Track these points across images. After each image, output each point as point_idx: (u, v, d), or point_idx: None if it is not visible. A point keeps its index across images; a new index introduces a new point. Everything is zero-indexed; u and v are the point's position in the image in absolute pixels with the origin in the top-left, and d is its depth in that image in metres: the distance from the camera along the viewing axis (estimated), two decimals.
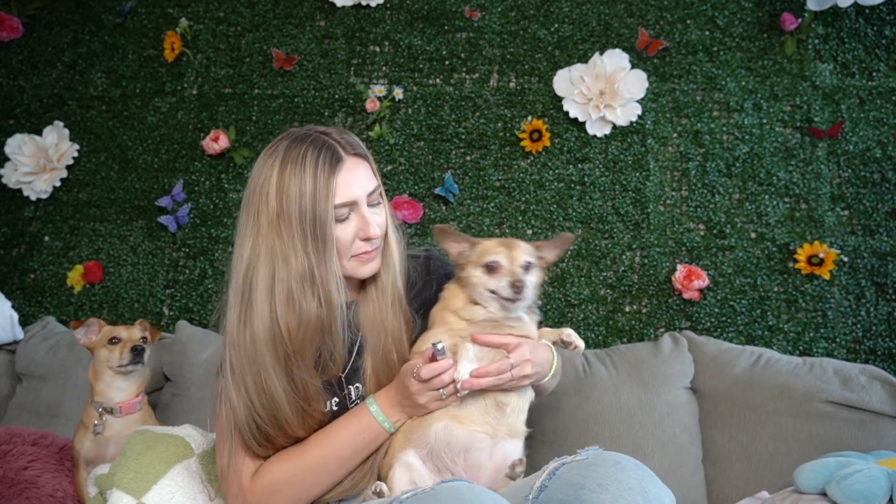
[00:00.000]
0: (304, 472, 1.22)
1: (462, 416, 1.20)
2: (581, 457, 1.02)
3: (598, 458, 1.00)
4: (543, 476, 1.02)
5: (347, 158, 1.22)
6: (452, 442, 1.18)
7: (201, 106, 2.42)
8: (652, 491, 0.95)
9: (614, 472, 0.96)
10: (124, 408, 1.62)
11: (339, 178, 1.18)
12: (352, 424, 1.23)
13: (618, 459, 0.99)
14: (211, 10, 2.47)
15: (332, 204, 1.17)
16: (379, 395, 1.25)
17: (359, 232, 1.22)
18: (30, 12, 2.55)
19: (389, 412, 1.22)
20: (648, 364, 1.83)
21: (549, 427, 1.81)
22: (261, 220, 1.18)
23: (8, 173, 2.46)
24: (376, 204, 1.27)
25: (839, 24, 2.14)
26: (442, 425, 1.19)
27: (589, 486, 0.94)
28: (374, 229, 1.22)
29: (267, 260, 1.17)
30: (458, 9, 2.33)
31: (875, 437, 1.61)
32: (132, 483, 1.23)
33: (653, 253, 2.11)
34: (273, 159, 1.21)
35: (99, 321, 1.68)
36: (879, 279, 1.99)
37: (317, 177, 1.17)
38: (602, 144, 2.20)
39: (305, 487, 1.22)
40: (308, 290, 1.17)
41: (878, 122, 2.08)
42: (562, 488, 0.97)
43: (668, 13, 2.22)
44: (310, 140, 1.22)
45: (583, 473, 0.97)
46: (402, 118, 2.30)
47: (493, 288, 1.21)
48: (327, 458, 1.22)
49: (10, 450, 1.64)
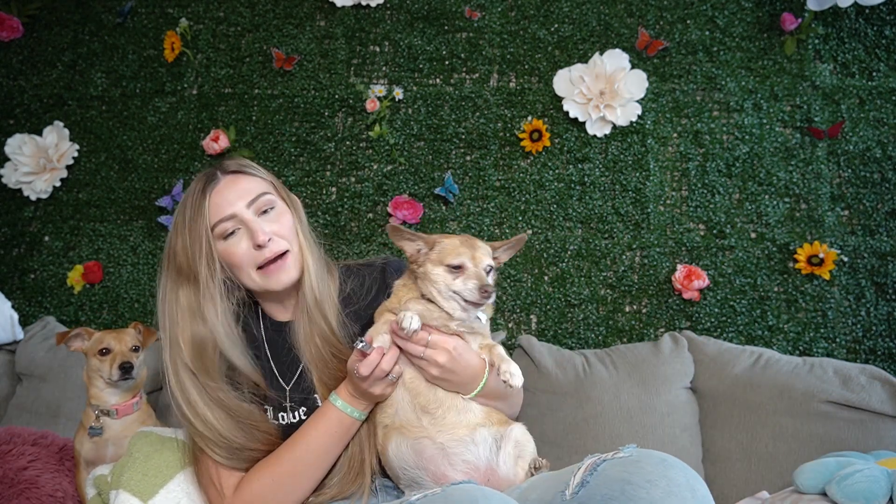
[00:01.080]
0: (282, 477, 1.22)
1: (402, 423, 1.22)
2: (623, 454, 1.02)
3: (642, 455, 1.00)
4: (582, 472, 1.01)
5: (223, 177, 1.27)
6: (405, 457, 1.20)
7: (201, 106, 2.42)
8: (699, 489, 0.95)
9: (662, 469, 0.95)
10: (121, 410, 1.61)
11: (212, 197, 1.24)
12: (321, 423, 1.24)
13: (664, 457, 0.98)
14: (211, 10, 2.47)
15: (206, 225, 1.22)
16: (339, 390, 1.26)
17: (252, 242, 1.24)
18: (30, 12, 2.55)
19: (354, 403, 1.24)
20: (648, 364, 1.83)
21: (549, 427, 1.81)
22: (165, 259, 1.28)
23: (8, 173, 2.46)
24: (267, 210, 1.28)
25: (839, 24, 2.14)
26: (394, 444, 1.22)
27: (636, 482, 0.93)
28: (260, 236, 1.23)
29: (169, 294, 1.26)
30: (458, 9, 2.33)
31: (875, 437, 1.61)
32: (140, 485, 1.23)
33: (653, 253, 2.11)
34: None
35: (86, 329, 1.65)
36: (879, 279, 1.99)
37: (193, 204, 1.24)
38: (602, 144, 2.20)
39: (287, 492, 1.23)
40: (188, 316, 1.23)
41: (878, 122, 2.08)
42: (606, 483, 0.96)
43: (668, 13, 2.22)
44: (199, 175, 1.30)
45: (628, 470, 0.96)
46: (402, 118, 2.30)
47: (458, 290, 1.19)
48: (302, 459, 1.22)
49: (10, 450, 1.64)
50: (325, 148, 2.32)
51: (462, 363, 1.20)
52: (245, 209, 1.25)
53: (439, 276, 1.20)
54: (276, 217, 1.28)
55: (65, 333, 1.63)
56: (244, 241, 1.24)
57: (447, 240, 1.24)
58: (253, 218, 1.25)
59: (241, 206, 1.24)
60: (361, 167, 2.30)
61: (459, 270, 1.19)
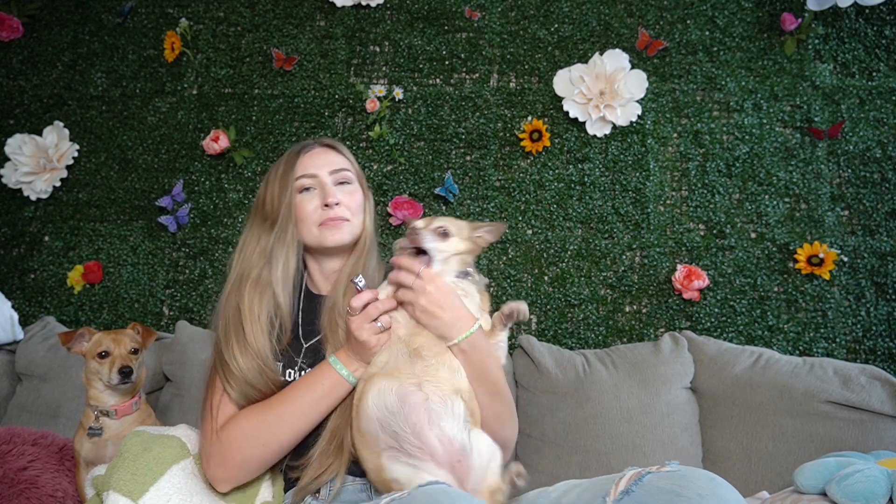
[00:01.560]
0: (268, 420, 1.27)
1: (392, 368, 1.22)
2: (670, 468, 1.03)
3: (690, 471, 1.01)
4: (626, 480, 1.02)
5: (318, 146, 1.44)
6: (388, 403, 1.17)
7: (201, 106, 2.42)
8: None
9: (712, 486, 0.97)
10: (120, 410, 1.60)
11: (303, 158, 1.41)
12: (313, 378, 1.29)
13: (712, 476, 1.00)
14: (211, 10, 2.47)
15: (292, 178, 1.38)
16: (338, 351, 1.31)
17: (322, 200, 1.38)
18: (30, 12, 2.55)
19: (347, 362, 1.27)
20: (648, 364, 1.83)
21: (549, 427, 1.81)
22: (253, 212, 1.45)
23: (8, 173, 2.46)
24: (344, 183, 1.42)
25: (839, 24, 2.14)
26: (376, 390, 1.20)
27: (686, 495, 0.94)
28: (330, 197, 1.37)
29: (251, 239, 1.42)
30: (458, 9, 2.33)
31: (875, 437, 1.61)
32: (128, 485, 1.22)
33: (653, 253, 2.11)
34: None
35: (88, 329, 1.64)
36: (879, 279, 1.99)
37: (287, 161, 1.42)
38: (602, 144, 2.20)
39: (269, 435, 1.26)
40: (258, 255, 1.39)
41: (878, 122, 2.08)
42: (652, 493, 0.97)
43: (668, 13, 2.22)
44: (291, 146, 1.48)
45: (678, 483, 0.97)
46: (402, 118, 2.30)
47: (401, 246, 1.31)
48: (290, 408, 1.27)
49: (10, 450, 1.64)
50: None
51: (450, 300, 1.24)
52: (327, 175, 1.40)
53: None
54: (349, 191, 1.43)
55: (69, 334, 1.62)
56: (315, 200, 1.39)
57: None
58: (330, 183, 1.40)
59: (324, 171, 1.40)
60: (361, 167, 2.29)
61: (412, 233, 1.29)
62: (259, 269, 1.38)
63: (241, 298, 1.36)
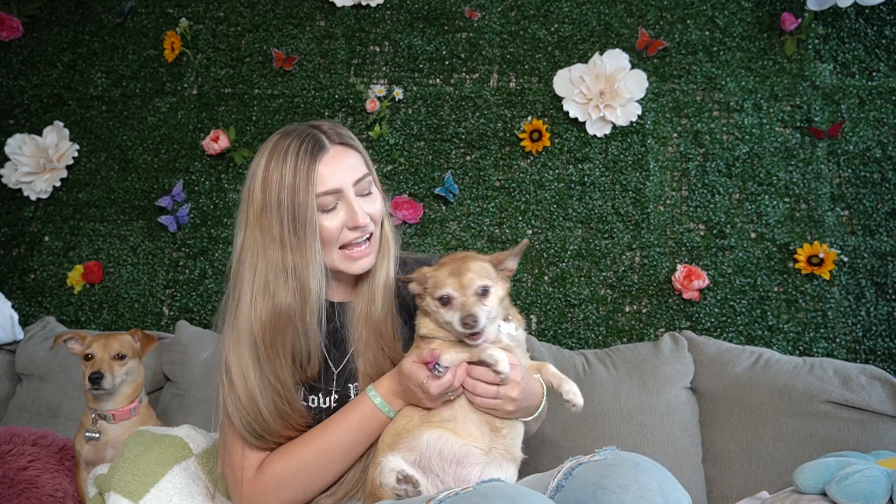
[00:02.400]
0: (306, 465, 1.21)
1: (458, 428, 1.17)
2: (598, 457, 1.01)
3: (616, 458, 0.99)
4: (559, 476, 1.00)
5: (331, 147, 1.22)
6: (445, 451, 1.14)
7: (201, 106, 2.42)
8: (672, 494, 0.94)
9: (634, 473, 0.95)
10: (118, 415, 1.60)
11: (321, 167, 1.19)
12: (353, 416, 1.21)
13: (637, 461, 0.98)
14: (211, 10, 2.47)
15: (312, 193, 1.17)
16: (379, 384, 1.22)
17: (347, 221, 1.21)
18: (30, 12, 2.55)
19: (393, 401, 1.20)
20: (648, 364, 1.83)
21: (549, 427, 1.81)
22: (248, 214, 1.21)
23: (8, 173, 2.46)
24: (366, 193, 1.25)
25: (839, 24, 2.14)
26: (436, 434, 1.15)
27: (608, 487, 0.93)
28: (361, 217, 1.20)
29: (251, 253, 1.20)
30: (458, 9, 2.33)
31: (875, 437, 1.61)
32: (129, 486, 1.22)
33: (653, 253, 2.11)
34: (261, 155, 1.23)
35: (79, 333, 1.64)
36: (879, 279, 1.99)
37: (297, 167, 1.17)
38: (602, 144, 2.20)
39: (308, 481, 1.21)
40: (282, 281, 1.18)
41: (878, 122, 2.08)
42: (579, 488, 0.96)
43: (668, 13, 2.22)
44: (296, 133, 1.23)
45: (601, 474, 0.96)
46: (402, 118, 2.30)
47: (448, 321, 1.16)
48: (329, 450, 1.20)
49: (10, 450, 1.64)
50: None
51: (527, 387, 1.18)
52: (351, 186, 1.22)
53: (433, 308, 1.19)
54: (372, 200, 1.26)
55: (58, 337, 1.62)
56: (339, 217, 1.21)
57: (440, 272, 1.21)
58: (356, 198, 1.22)
59: (348, 182, 1.21)
60: None
61: (447, 303, 1.16)
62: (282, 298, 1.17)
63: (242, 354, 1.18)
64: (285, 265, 1.17)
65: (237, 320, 1.20)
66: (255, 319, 1.18)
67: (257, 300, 1.18)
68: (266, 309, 1.18)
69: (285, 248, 1.17)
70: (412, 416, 1.19)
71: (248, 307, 1.19)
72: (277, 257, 1.18)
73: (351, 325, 1.28)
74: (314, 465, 1.21)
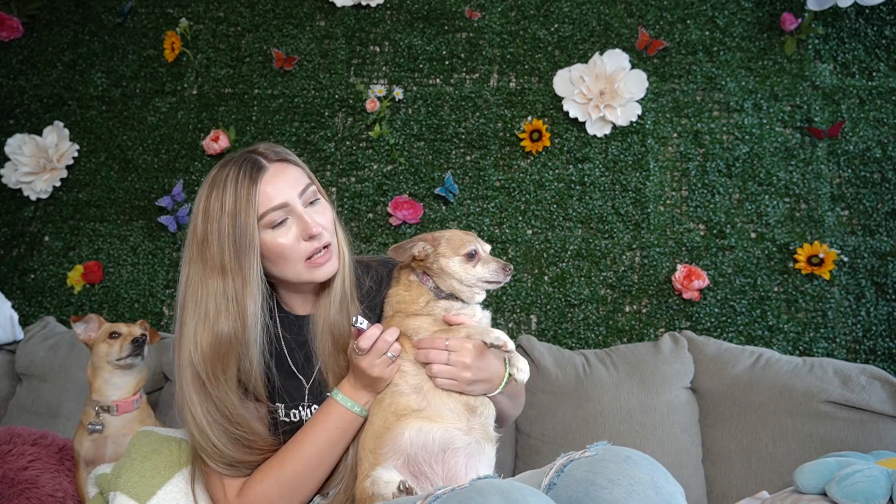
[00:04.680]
0: (287, 478, 1.21)
1: (433, 414, 1.18)
2: (589, 452, 1.01)
3: (607, 453, 0.99)
4: (552, 473, 1.00)
5: (270, 165, 1.22)
6: (428, 443, 1.15)
7: (201, 106, 2.42)
8: (664, 486, 0.94)
9: (625, 467, 0.95)
10: (121, 406, 1.62)
11: (262, 186, 1.18)
12: (322, 420, 1.23)
13: (629, 455, 0.98)
14: (211, 10, 2.47)
15: (254, 214, 1.17)
16: (341, 384, 1.24)
17: (301, 233, 1.21)
18: (30, 12, 2.55)
19: (355, 395, 1.22)
20: (648, 364, 1.83)
21: (549, 427, 1.81)
22: (192, 248, 1.20)
23: (8, 173, 2.46)
24: (314, 201, 1.25)
25: (839, 24, 2.14)
26: (416, 427, 1.16)
27: (600, 483, 0.93)
28: (314, 227, 1.20)
29: (193, 285, 1.19)
30: (458, 9, 2.33)
31: (875, 437, 1.61)
32: (136, 487, 1.22)
33: (653, 253, 2.11)
34: (202, 189, 1.22)
35: (98, 317, 1.68)
36: (879, 279, 1.99)
37: (238, 192, 1.17)
38: (602, 144, 2.20)
39: (293, 492, 1.22)
40: (223, 307, 1.17)
41: (878, 122, 2.08)
42: (571, 485, 0.96)
43: (668, 13, 2.22)
44: (233, 160, 1.22)
45: (593, 469, 0.96)
46: (402, 118, 2.30)
47: (481, 275, 1.25)
48: (306, 459, 1.21)
49: (10, 449, 1.64)
50: (325, 148, 2.32)
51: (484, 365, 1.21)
52: (297, 199, 1.21)
53: (457, 266, 1.25)
54: (321, 209, 1.26)
55: (80, 316, 1.66)
56: (292, 232, 1.21)
57: (448, 233, 1.28)
58: (304, 209, 1.22)
59: (293, 195, 1.21)
60: (361, 167, 2.30)
61: (475, 257, 1.26)
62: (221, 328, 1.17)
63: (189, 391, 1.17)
64: (226, 292, 1.17)
65: (180, 354, 1.19)
66: (196, 350, 1.17)
67: (198, 330, 1.17)
68: (207, 338, 1.17)
69: (226, 274, 1.17)
70: (386, 416, 1.20)
71: (189, 338, 1.18)
72: (218, 285, 1.17)
73: (315, 337, 1.28)
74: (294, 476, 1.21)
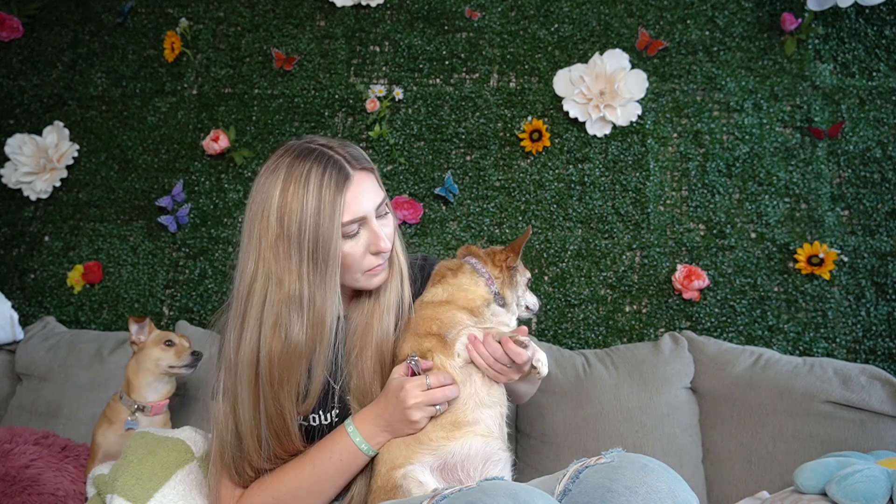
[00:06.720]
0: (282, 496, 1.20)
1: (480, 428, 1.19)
2: (605, 459, 1.00)
3: (624, 460, 0.99)
4: (566, 479, 1.00)
5: (354, 174, 1.18)
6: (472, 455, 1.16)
7: (201, 106, 2.42)
8: (681, 495, 0.93)
9: (643, 474, 0.94)
10: (154, 408, 1.69)
11: (348, 196, 1.15)
12: (329, 447, 1.20)
13: (645, 462, 0.97)
14: (211, 10, 2.47)
15: (338, 223, 1.13)
16: (360, 414, 1.21)
17: (370, 246, 1.20)
18: (30, 12, 2.55)
19: (371, 432, 1.19)
20: (648, 364, 1.83)
21: (549, 427, 1.81)
22: (261, 242, 1.15)
23: (8, 173, 2.46)
24: (384, 215, 1.24)
25: (839, 24, 2.14)
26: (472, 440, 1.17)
27: (617, 490, 0.93)
28: (384, 242, 1.19)
29: (263, 283, 1.15)
30: (458, 9, 2.33)
31: (875, 437, 1.61)
32: (133, 490, 1.22)
33: (653, 253, 2.11)
34: (275, 177, 1.17)
35: (151, 322, 1.76)
36: (879, 279, 2.00)
37: (322, 196, 1.13)
38: (602, 144, 2.20)
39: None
40: (296, 315, 1.14)
41: (878, 122, 2.08)
42: (587, 492, 0.96)
43: (668, 13, 2.22)
44: (314, 157, 1.17)
45: (610, 476, 0.95)
46: (402, 118, 2.30)
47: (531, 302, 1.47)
48: (304, 482, 1.19)
49: (12, 448, 1.64)
50: None
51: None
52: (373, 212, 1.20)
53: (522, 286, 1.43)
54: (388, 221, 1.25)
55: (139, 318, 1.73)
56: (361, 243, 1.19)
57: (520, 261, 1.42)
58: (378, 222, 1.20)
59: (371, 209, 1.19)
60: None
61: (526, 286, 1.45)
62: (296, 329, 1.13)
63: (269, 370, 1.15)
64: (301, 298, 1.13)
65: (238, 350, 1.16)
66: (264, 354, 1.14)
67: (267, 334, 1.14)
68: (278, 344, 1.14)
69: (302, 279, 1.13)
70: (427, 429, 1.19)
71: (254, 341, 1.15)
72: (294, 289, 1.13)
73: (348, 339, 1.26)
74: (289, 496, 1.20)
